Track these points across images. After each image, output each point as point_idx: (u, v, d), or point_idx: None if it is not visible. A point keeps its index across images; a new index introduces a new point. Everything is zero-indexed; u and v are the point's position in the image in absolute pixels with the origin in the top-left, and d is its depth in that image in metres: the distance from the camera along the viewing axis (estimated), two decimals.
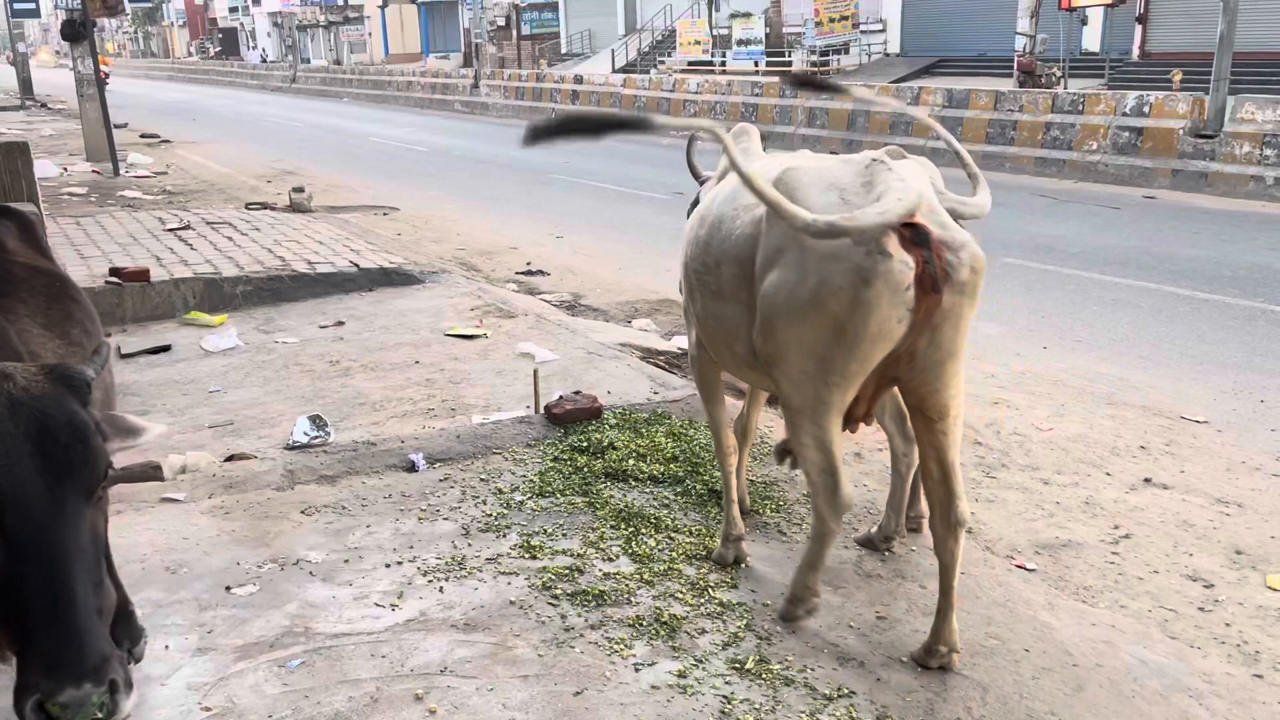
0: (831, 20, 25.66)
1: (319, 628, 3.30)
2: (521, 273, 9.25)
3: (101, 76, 15.22)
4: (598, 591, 3.47)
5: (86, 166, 15.29)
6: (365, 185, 15.04)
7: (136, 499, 4.20)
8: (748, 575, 3.64)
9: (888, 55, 27.17)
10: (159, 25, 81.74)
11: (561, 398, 5.02)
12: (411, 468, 4.52)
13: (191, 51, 73.05)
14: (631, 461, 4.49)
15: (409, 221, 12.05)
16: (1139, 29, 21.86)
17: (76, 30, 15.13)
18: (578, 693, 2.96)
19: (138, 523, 4.00)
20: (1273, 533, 4.25)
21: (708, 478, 4.35)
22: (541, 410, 5.06)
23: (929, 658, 3.11)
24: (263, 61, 55.28)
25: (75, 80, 15.55)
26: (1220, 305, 7.61)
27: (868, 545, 3.90)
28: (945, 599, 3.10)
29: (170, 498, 4.23)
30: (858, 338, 2.82)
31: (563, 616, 3.35)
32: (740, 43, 28.07)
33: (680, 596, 3.47)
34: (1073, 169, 14.52)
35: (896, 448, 3.91)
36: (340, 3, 54.10)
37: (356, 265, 8.31)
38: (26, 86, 31.21)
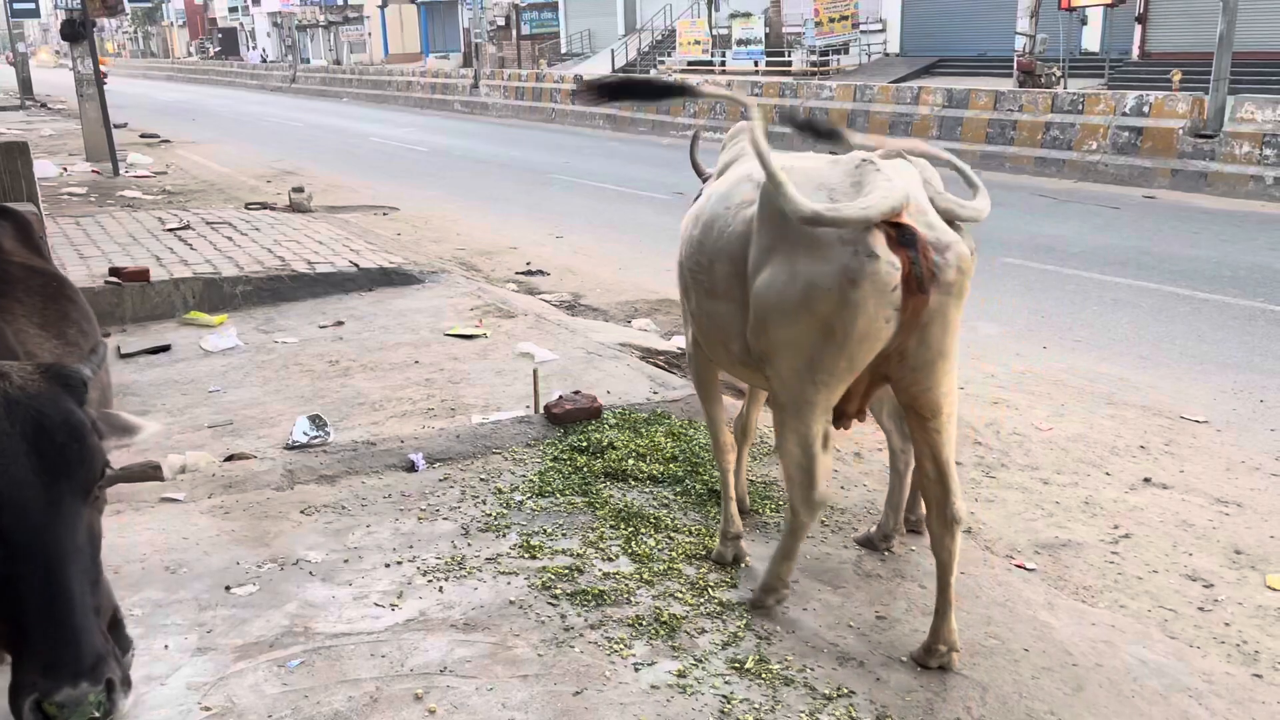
0: (831, 20, 25.69)
1: (319, 627, 3.30)
2: (521, 273, 9.25)
3: (101, 76, 15.20)
4: (597, 591, 3.47)
5: (86, 166, 15.29)
6: (365, 185, 15.04)
7: (136, 499, 4.20)
8: (747, 575, 3.64)
9: (887, 55, 27.18)
10: (159, 25, 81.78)
11: (561, 397, 5.02)
12: (411, 467, 4.52)
13: (191, 51, 73.07)
14: (631, 461, 4.50)
15: (409, 221, 12.04)
16: (1139, 29, 21.88)
17: (76, 30, 15.13)
18: (577, 692, 2.96)
19: (137, 522, 4.00)
20: (1272, 532, 4.25)
21: (707, 477, 4.35)
22: (541, 410, 5.07)
23: (928, 657, 3.11)
24: (263, 61, 55.27)
25: (75, 80, 15.55)
26: (1220, 305, 7.61)
27: (867, 545, 3.90)
28: (944, 598, 3.10)
29: (170, 497, 4.23)
30: (846, 338, 2.85)
31: (562, 616, 3.35)
32: (740, 43, 28.09)
33: (680, 596, 3.48)
34: (1072, 169, 14.52)
35: (894, 446, 3.91)
36: (340, 3, 54.12)
37: (356, 265, 8.31)
38: (26, 86, 31.21)
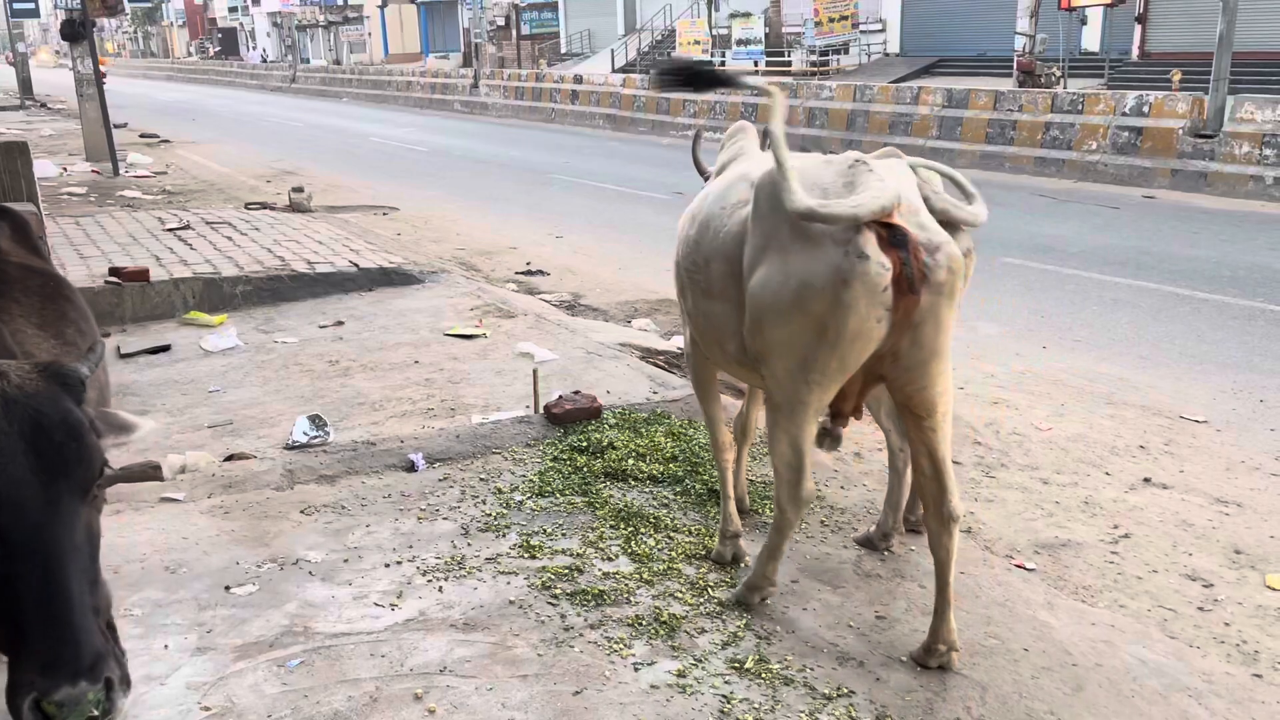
0: (831, 20, 25.67)
1: (318, 627, 3.30)
2: (521, 272, 9.25)
3: (100, 76, 15.20)
4: (597, 591, 3.47)
5: (86, 166, 15.29)
6: (365, 185, 15.03)
7: (136, 499, 4.20)
8: (747, 574, 3.64)
9: (887, 55, 27.18)
10: (158, 25, 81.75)
11: (561, 397, 5.02)
12: (411, 467, 4.52)
13: (191, 51, 73.06)
14: (631, 461, 4.50)
15: (409, 221, 12.04)
16: (1138, 29, 21.87)
17: (76, 30, 15.12)
18: (577, 692, 2.96)
19: (137, 522, 4.00)
20: (1272, 532, 4.25)
21: (707, 477, 4.34)
22: (541, 410, 5.07)
23: (928, 657, 3.11)
24: (263, 61, 55.28)
25: (75, 80, 15.54)
26: (1220, 305, 7.61)
27: (867, 545, 3.90)
28: (942, 596, 3.11)
29: (170, 497, 4.23)
30: (838, 338, 2.87)
31: (562, 616, 3.35)
32: (740, 42, 28.08)
33: (680, 596, 3.48)
34: (1072, 169, 14.52)
35: (893, 445, 3.92)
36: (340, 3, 54.10)
37: (356, 265, 8.31)
38: (26, 86, 31.21)
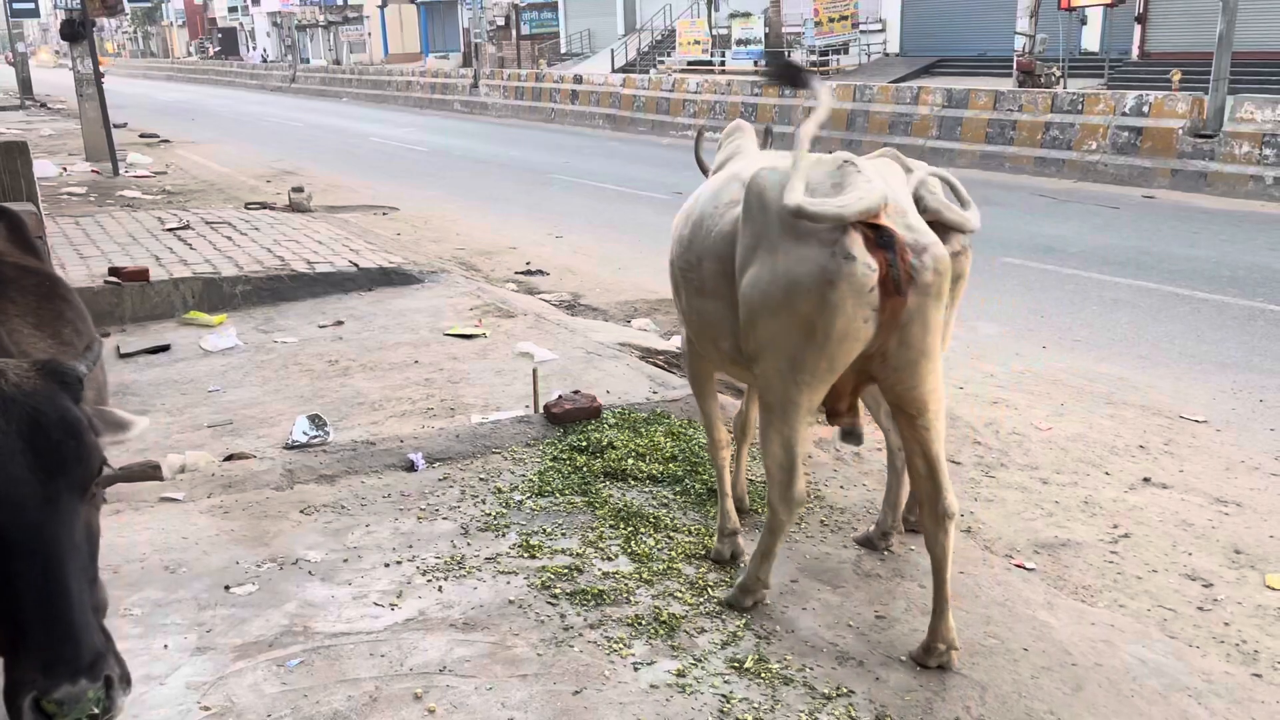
0: (831, 20, 25.67)
1: (318, 627, 3.30)
2: (521, 272, 9.25)
3: (99, 75, 15.20)
4: (597, 591, 3.47)
5: (86, 166, 15.29)
6: (365, 185, 15.03)
7: (136, 498, 4.20)
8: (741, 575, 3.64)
9: (887, 55, 27.18)
10: (158, 25, 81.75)
11: (561, 397, 5.02)
12: (410, 467, 4.52)
13: (191, 51, 73.05)
14: (630, 461, 4.50)
15: (408, 221, 12.04)
16: (1138, 29, 21.87)
17: (75, 30, 15.12)
18: (577, 692, 2.96)
19: (137, 522, 4.00)
20: (1271, 532, 4.25)
21: (706, 477, 4.34)
22: (541, 410, 5.06)
23: (928, 656, 3.11)
24: (264, 61, 55.28)
25: (74, 80, 15.54)
26: (1219, 305, 7.61)
27: (866, 545, 3.90)
28: (940, 594, 3.11)
29: (169, 497, 4.23)
30: (826, 338, 2.89)
31: (562, 616, 3.35)
32: (739, 42, 28.09)
33: (679, 596, 3.48)
34: (1072, 169, 14.52)
35: (892, 445, 3.92)
36: (340, 3, 54.10)
37: (356, 265, 8.31)
38: (26, 86, 31.22)
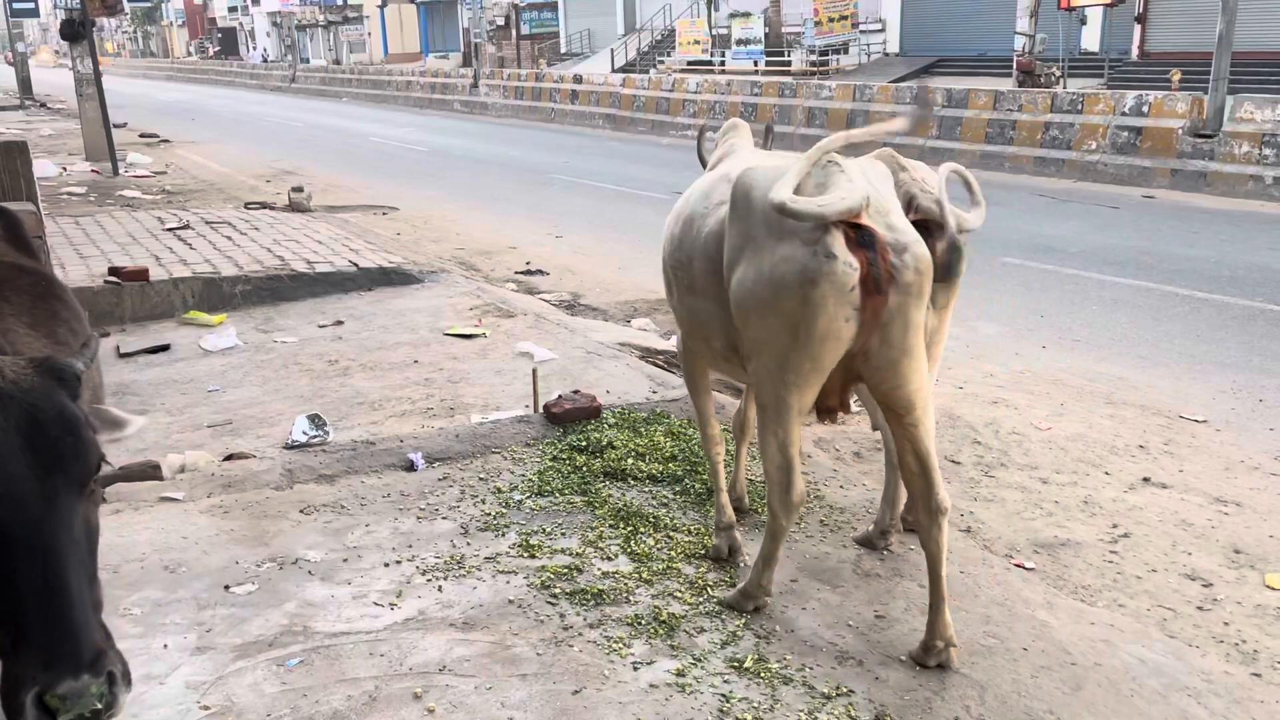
0: (831, 20, 25.69)
1: (317, 627, 3.30)
2: (521, 272, 9.25)
3: (99, 74, 15.19)
4: (596, 590, 3.47)
5: (86, 166, 15.28)
6: (364, 185, 15.03)
7: (135, 498, 4.20)
8: (746, 574, 3.64)
9: (887, 55, 27.19)
10: (158, 25, 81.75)
11: (560, 397, 5.02)
12: (410, 467, 4.52)
13: (191, 51, 73.06)
14: (630, 461, 4.49)
15: (408, 221, 12.04)
16: (1138, 28, 21.89)
17: (75, 30, 15.11)
18: (576, 691, 2.96)
19: (136, 522, 4.00)
20: (1271, 532, 4.25)
21: (706, 477, 4.33)
22: (540, 409, 5.06)
23: (927, 655, 3.11)
24: (264, 61, 55.29)
25: (74, 80, 15.54)
26: (1219, 305, 7.61)
27: (866, 544, 3.90)
28: (936, 591, 3.12)
29: (169, 497, 4.23)
30: (809, 337, 2.91)
31: (561, 615, 3.35)
32: (739, 42, 28.10)
33: (679, 595, 3.48)
34: (1072, 168, 14.52)
35: (889, 442, 3.92)
36: (339, 2, 54.10)
37: (356, 265, 8.31)
38: (26, 86, 31.22)
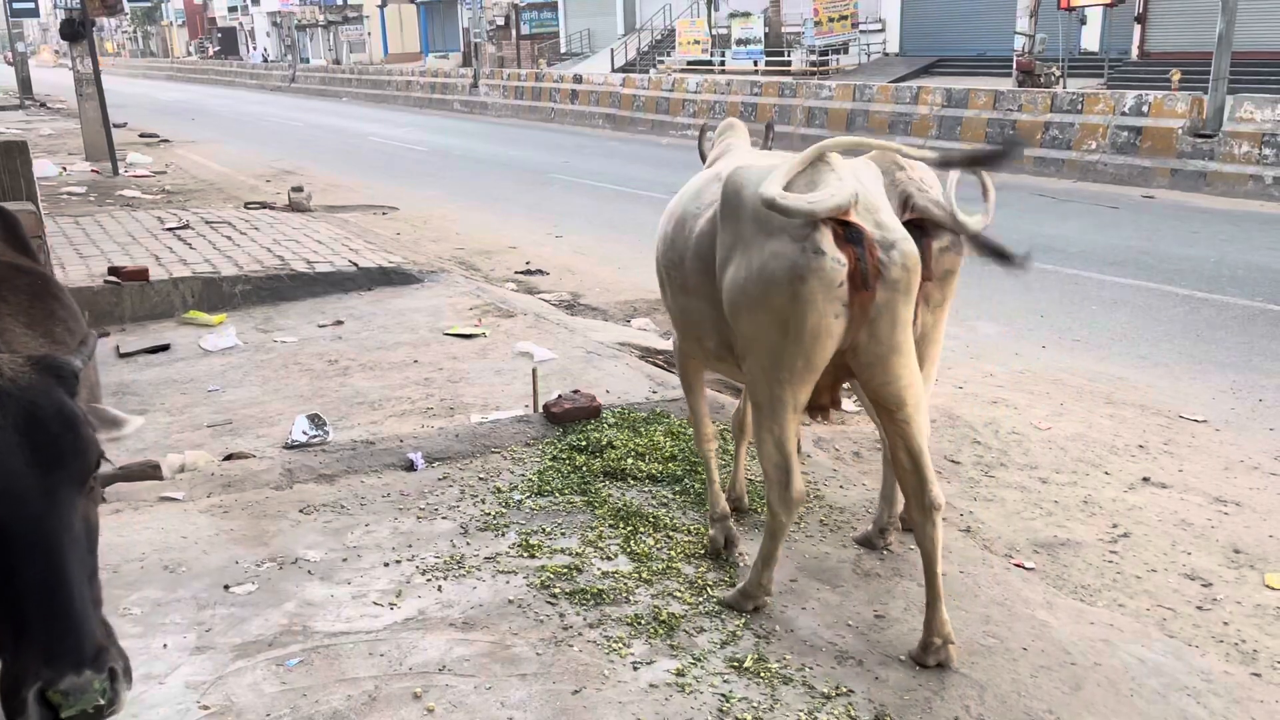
0: (830, 20, 25.68)
1: (317, 626, 3.30)
2: (520, 272, 9.25)
3: (99, 74, 15.19)
4: (596, 590, 3.47)
5: (85, 166, 15.29)
6: (364, 185, 15.03)
7: (135, 498, 4.20)
8: (745, 574, 3.64)
9: (887, 55, 27.18)
10: (158, 25, 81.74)
11: (560, 397, 5.01)
12: (410, 467, 4.52)
13: (190, 51, 73.05)
14: (630, 460, 4.49)
15: (408, 221, 12.04)
16: (1138, 28, 21.88)
17: (75, 30, 15.11)
18: (576, 691, 2.96)
19: (136, 522, 4.00)
20: (1271, 531, 4.25)
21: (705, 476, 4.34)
22: (540, 409, 5.06)
23: (926, 655, 3.11)
24: (264, 61, 55.29)
25: (74, 80, 15.54)
26: (1219, 305, 7.61)
27: (866, 544, 3.90)
28: (932, 588, 3.12)
29: (169, 497, 4.23)
30: (800, 334, 2.93)
31: (561, 615, 3.35)
32: (739, 42, 28.09)
33: (679, 595, 3.48)
34: (1071, 168, 14.51)
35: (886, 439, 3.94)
36: (339, 2, 54.09)
37: (355, 264, 8.31)
38: (26, 86, 31.22)
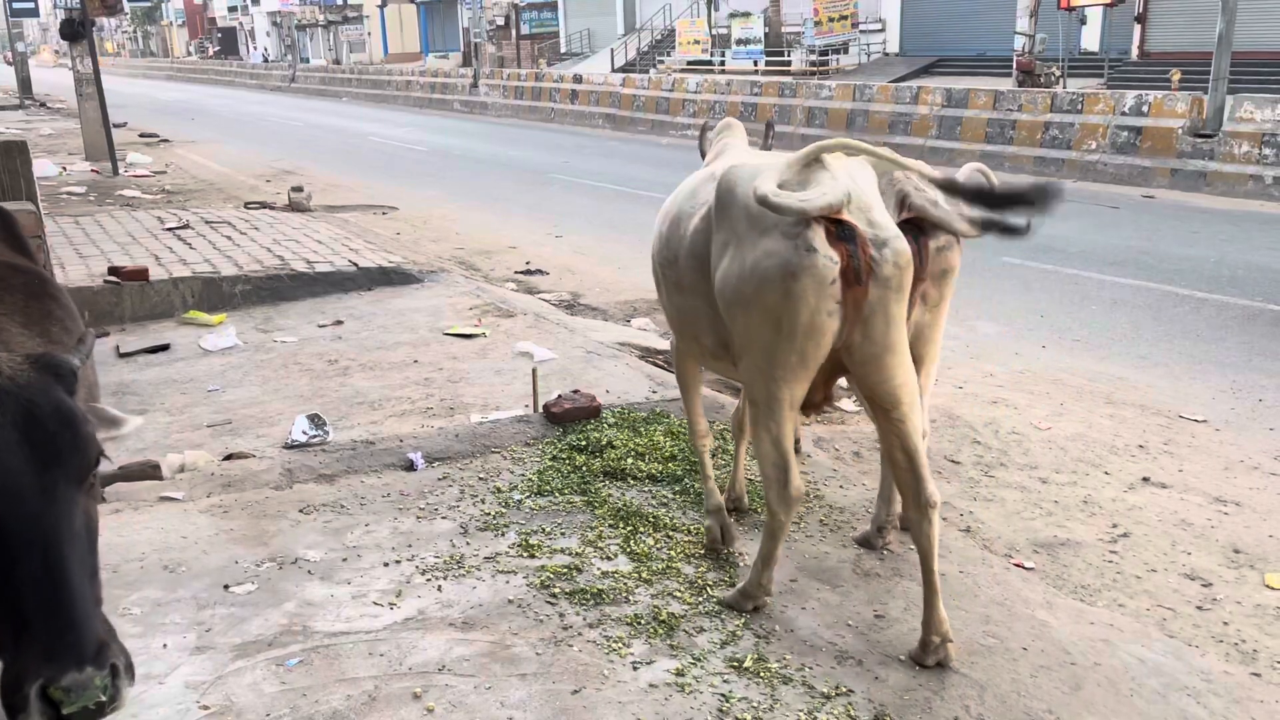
0: (830, 20, 25.69)
1: (317, 626, 3.30)
2: (520, 272, 9.25)
3: (99, 74, 15.19)
4: (596, 590, 3.47)
5: (85, 166, 15.28)
6: (364, 185, 15.03)
7: (135, 498, 4.20)
8: (745, 574, 3.64)
9: (887, 55, 27.19)
10: (158, 25, 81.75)
11: (560, 396, 5.02)
12: (410, 466, 4.52)
13: (190, 51, 73.06)
14: (630, 460, 4.49)
15: (408, 221, 12.04)
16: (1138, 28, 21.89)
17: (75, 29, 15.11)
18: (576, 691, 2.96)
19: (136, 521, 4.00)
20: (1271, 531, 4.25)
21: None
22: (540, 409, 5.06)
23: (924, 654, 3.11)
24: (264, 61, 55.30)
25: (74, 80, 15.54)
26: (1219, 305, 7.61)
27: (865, 544, 3.91)
28: (929, 586, 3.12)
29: (169, 497, 4.23)
30: (793, 330, 2.95)
31: (561, 615, 3.35)
32: (739, 42, 28.10)
33: (678, 595, 3.47)
34: (1071, 168, 14.51)
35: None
36: (339, 2, 54.09)
37: (355, 264, 8.31)
38: (26, 86, 31.22)
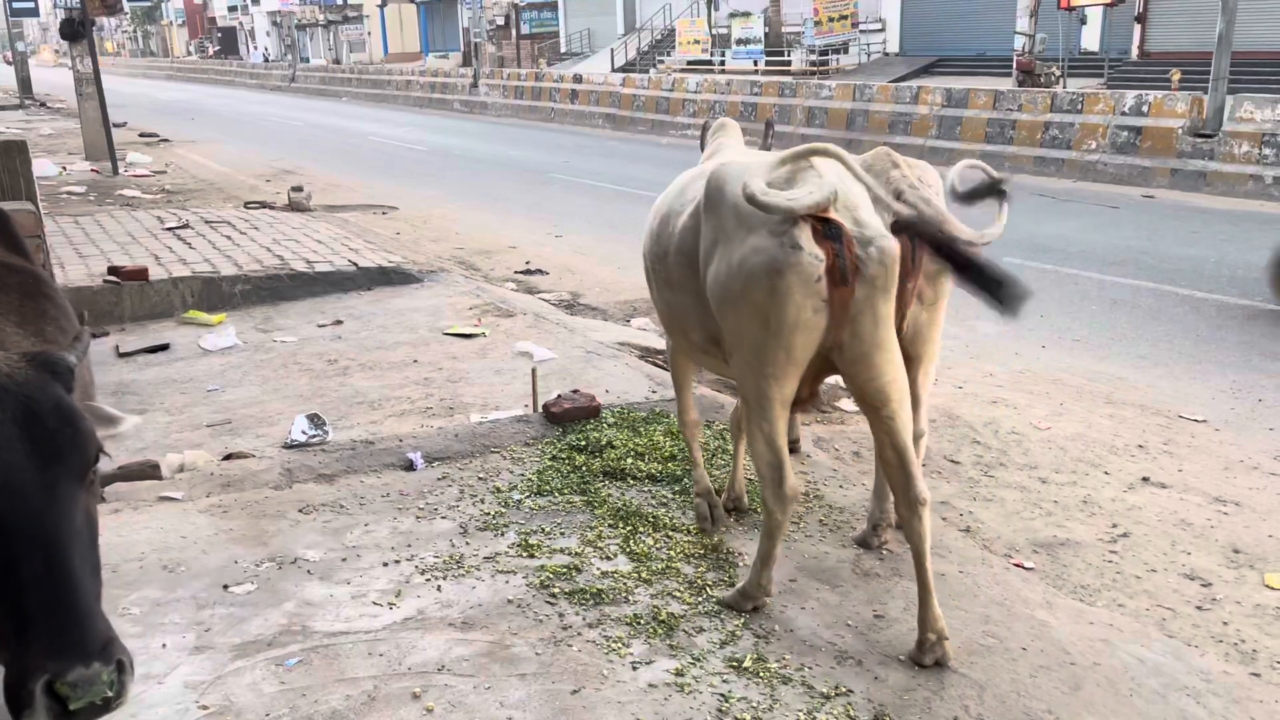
0: (830, 20, 25.70)
1: (316, 626, 3.30)
2: (520, 272, 9.25)
3: (99, 74, 15.19)
4: (595, 590, 3.47)
5: (85, 165, 15.29)
6: (364, 184, 15.03)
7: (134, 498, 4.20)
8: (744, 574, 3.63)
9: (887, 55, 27.20)
10: (158, 24, 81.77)
11: (560, 396, 5.02)
12: (409, 466, 4.52)
13: (190, 51, 73.08)
14: (629, 460, 4.49)
15: (408, 220, 12.04)
16: (1138, 28, 21.90)
17: (75, 29, 15.10)
18: (575, 691, 2.96)
19: (135, 521, 4.00)
20: (1270, 531, 4.25)
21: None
22: (540, 409, 5.06)
23: (922, 653, 3.11)
24: (264, 61, 55.32)
25: (74, 79, 15.54)
26: (1219, 305, 7.61)
27: (862, 544, 3.90)
28: (922, 583, 3.13)
29: (168, 496, 4.23)
30: (780, 328, 2.97)
31: (560, 615, 3.35)
32: (739, 42, 28.11)
33: (678, 595, 3.47)
34: (1071, 168, 14.51)
35: None
36: (339, 2, 54.10)
37: (355, 264, 8.31)
38: (26, 86, 31.21)
